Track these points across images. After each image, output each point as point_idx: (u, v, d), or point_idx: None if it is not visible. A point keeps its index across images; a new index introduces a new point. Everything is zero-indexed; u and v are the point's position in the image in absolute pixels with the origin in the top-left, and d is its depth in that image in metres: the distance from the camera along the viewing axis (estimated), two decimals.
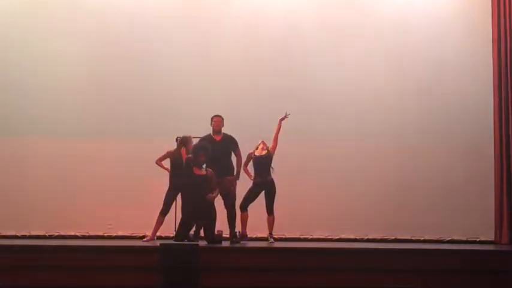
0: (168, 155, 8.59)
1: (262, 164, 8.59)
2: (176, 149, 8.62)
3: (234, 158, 8.70)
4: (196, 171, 8.07)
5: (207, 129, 8.76)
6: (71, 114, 9.71)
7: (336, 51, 10.01)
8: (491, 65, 9.89)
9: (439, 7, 10.16)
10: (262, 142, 8.67)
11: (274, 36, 9.97)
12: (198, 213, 8.01)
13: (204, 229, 8.14)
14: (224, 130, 8.72)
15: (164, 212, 8.54)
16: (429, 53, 10.04)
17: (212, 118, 8.66)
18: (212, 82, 9.83)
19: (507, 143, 9.71)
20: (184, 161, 8.36)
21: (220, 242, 8.17)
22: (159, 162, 8.57)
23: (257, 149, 8.67)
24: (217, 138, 8.58)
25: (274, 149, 8.64)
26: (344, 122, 9.89)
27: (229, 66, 9.89)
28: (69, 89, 9.76)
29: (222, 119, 8.66)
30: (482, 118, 9.87)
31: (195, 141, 8.60)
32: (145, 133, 9.59)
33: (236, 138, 8.69)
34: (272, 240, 8.60)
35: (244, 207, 8.55)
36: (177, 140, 8.80)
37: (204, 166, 8.17)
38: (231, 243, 8.32)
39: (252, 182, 8.63)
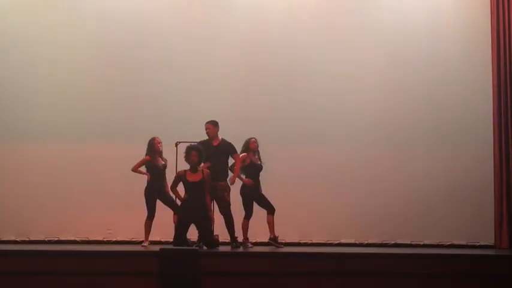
0: (144, 161, 8.66)
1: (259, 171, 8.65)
2: (147, 153, 8.69)
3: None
4: (190, 178, 8.04)
5: (205, 134, 8.78)
6: (71, 119, 9.72)
7: (336, 54, 10.02)
8: (491, 68, 9.90)
9: (438, 8, 10.17)
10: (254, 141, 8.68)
11: (274, 39, 9.97)
12: (194, 217, 8.00)
13: (201, 233, 8.13)
14: (222, 133, 8.70)
15: (150, 216, 8.59)
16: (428, 55, 10.06)
17: (205, 124, 8.65)
18: (211, 86, 9.84)
19: (506, 147, 9.71)
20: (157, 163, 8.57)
21: (218, 246, 8.16)
22: (135, 169, 8.64)
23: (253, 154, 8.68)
24: (214, 143, 8.59)
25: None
26: (344, 127, 9.89)
27: (229, 69, 9.90)
28: (68, 94, 9.77)
29: (214, 125, 8.61)
30: (482, 122, 9.87)
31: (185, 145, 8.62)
32: (145, 138, 9.55)
33: (233, 141, 8.67)
34: (273, 237, 8.58)
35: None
36: (176, 144, 8.82)
37: (200, 167, 8.15)
38: (232, 248, 8.31)
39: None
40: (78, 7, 9.94)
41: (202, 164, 8.18)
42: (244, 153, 8.63)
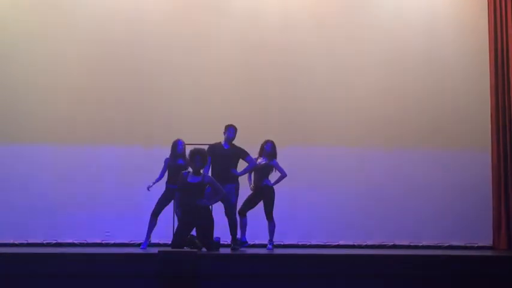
0: None
1: (258, 170, 8.62)
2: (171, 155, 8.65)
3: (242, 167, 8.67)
4: (190, 180, 8.04)
5: (203, 136, 8.81)
6: (70, 121, 9.72)
7: (334, 53, 10.07)
8: (488, 68, 9.94)
9: (436, 9, 10.20)
10: (267, 144, 8.66)
11: (274, 39, 10.02)
12: (194, 220, 8.00)
13: (201, 236, 8.13)
14: (221, 135, 8.71)
15: (155, 213, 8.52)
16: (425, 55, 10.11)
17: (226, 127, 8.59)
18: (210, 87, 9.85)
19: (504, 149, 9.73)
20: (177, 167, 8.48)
21: (218, 249, 8.16)
22: None
23: (260, 154, 8.67)
24: (226, 147, 8.58)
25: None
26: (342, 127, 9.92)
27: (228, 71, 9.93)
28: (66, 96, 9.77)
29: (236, 129, 8.59)
30: (479, 123, 9.91)
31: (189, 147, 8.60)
32: (143, 140, 9.61)
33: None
34: (270, 246, 8.58)
35: (242, 213, 8.56)
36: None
37: (202, 171, 8.16)
38: (231, 250, 8.31)
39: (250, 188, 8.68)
40: (79, 8, 9.93)
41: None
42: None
